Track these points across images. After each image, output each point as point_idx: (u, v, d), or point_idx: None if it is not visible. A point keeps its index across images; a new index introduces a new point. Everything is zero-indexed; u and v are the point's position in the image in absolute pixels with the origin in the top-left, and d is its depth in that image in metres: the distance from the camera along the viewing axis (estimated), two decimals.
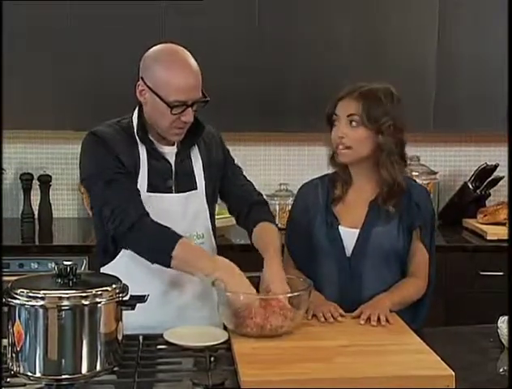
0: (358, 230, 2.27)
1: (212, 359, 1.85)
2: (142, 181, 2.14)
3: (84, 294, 1.66)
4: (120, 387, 1.74)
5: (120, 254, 2.17)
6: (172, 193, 2.19)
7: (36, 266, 3.12)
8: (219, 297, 2.02)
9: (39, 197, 3.62)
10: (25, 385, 1.68)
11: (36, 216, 3.61)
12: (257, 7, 3.38)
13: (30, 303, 1.64)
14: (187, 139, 2.21)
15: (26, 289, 1.66)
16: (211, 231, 2.29)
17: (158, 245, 2.04)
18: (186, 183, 2.21)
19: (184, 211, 2.19)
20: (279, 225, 2.33)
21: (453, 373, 1.73)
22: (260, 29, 3.39)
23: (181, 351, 1.92)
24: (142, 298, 1.77)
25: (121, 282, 1.76)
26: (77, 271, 1.72)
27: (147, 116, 2.15)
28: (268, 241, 2.17)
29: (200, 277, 2.02)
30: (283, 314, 1.96)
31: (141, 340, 1.97)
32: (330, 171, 2.35)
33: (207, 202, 2.25)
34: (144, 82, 2.11)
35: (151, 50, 2.14)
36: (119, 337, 1.74)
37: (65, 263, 1.71)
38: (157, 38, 2.22)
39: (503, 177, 3.69)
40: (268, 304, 1.97)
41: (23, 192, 3.62)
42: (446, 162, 3.91)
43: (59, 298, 1.64)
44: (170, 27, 3.32)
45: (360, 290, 2.24)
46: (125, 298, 1.73)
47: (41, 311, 1.64)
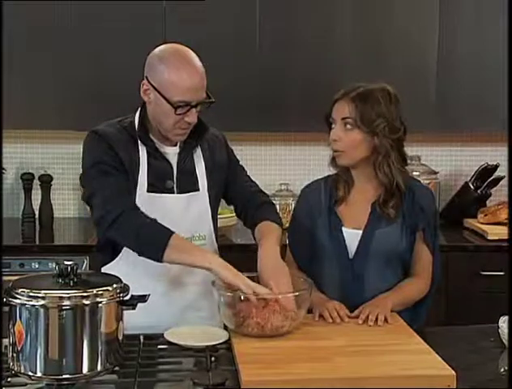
0: (361, 231, 2.26)
1: (213, 359, 1.85)
2: (142, 181, 2.14)
3: (85, 294, 1.66)
4: (121, 387, 1.74)
5: (121, 254, 2.17)
6: (173, 193, 2.18)
7: (37, 266, 3.12)
8: (219, 297, 2.02)
9: (40, 197, 3.62)
10: (26, 385, 1.68)
11: (37, 216, 3.61)
12: (257, 7, 3.38)
13: (31, 303, 1.64)
14: (190, 140, 2.20)
15: (27, 289, 1.66)
16: (213, 233, 2.28)
17: (151, 236, 2.02)
18: (188, 184, 2.21)
19: (185, 212, 2.19)
20: None
21: (454, 373, 1.73)
22: (260, 29, 3.39)
23: (182, 351, 1.92)
24: (143, 298, 1.77)
25: (121, 282, 1.76)
26: (78, 271, 1.72)
27: (151, 115, 2.15)
28: (265, 233, 2.16)
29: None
30: (283, 314, 1.96)
31: (142, 340, 1.97)
32: (332, 171, 2.35)
33: (210, 203, 2.25)
34: (149, 81, 2.10)
35: (157, 50, 2.13)
36: (120, 337, 1.74)
37: (65, 263, 1.71)
38: (158, 38, 2.23)
39: (504, 177, 3.68)
40: (268, 303, 1.96)
41: (24, 192, 3.62)
42: (447, 162, 3.91)
43: (60, 298, 1.64)
44: (171, 27, 3.32)
45: (362, 291, 2.24)
46: (126, 298, 1.73)
47: (42, 311, 1.64)
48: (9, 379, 1.69)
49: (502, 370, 1.86)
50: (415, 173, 3.51)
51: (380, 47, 3.47)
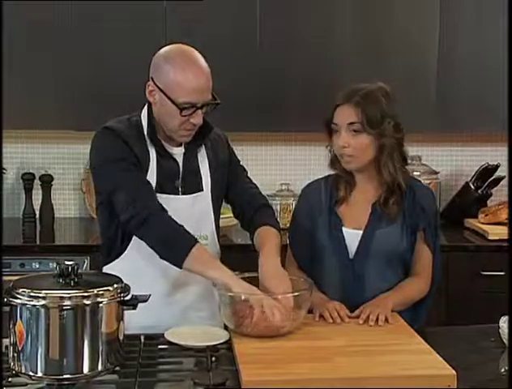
0: (361, 231, 2.26)
1: (213, 359, 1.85)
2: (151, 180, 2.13)
3: (86, 294, 1.66)
4: (121, 387, 1.74)
5: (124, 254, 2.17)
6: (178, 194, 2.18)
7: (38, 266, 3.12)
8: (220, 297, 2.02)
9: (40, 197, 3.62)
10: (26, 384, 1.68)
11: (38, 216, 3.61)
12: (257, 7, 3.38)
13: (31, 303, 1.64)
14: (195, 140, 2.20)
15: (27, 289, 1.66)
16: (216, 233, 2.28)
17: (175, 242, 2.02)
18: (193, 184, 2.21)
19: (190, 212, 2.18)
20: (281, 225, 2.32)
21: (454, 372, 1.73)
22: (260, 29, 3.39)
23: (183, 351, 1.92)
24: (143, 298, 1.77)
25: (122, 282, 1.76)
26: (78, 271, 1.72)
27: (156, 116, 2.14)
28: (265, 240, 2.15)
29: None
30: (284, 314, 1.96)
31: (142, 340, 1.97)
32: (332, 171, 2.35)
33: (212, 203, 2.25)
34: (154, 82, 2.09)
35: (163, 50, 2.12)
36: (120, 337, 1.75)
37: (66, 263, 1.71)
38: (159, 38, 2.22)
39: (504, 177, 3.68)
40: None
41: (25, 192, 3.62)
42: (448, 162, 3.91)
43: (61, 298, 1.64)
44: (172, 26, 3.32)
45: (362, 291, 2.24)
46: (126, 298, 1.73)
47: (43, 311, 1.64)
48: (9, 379, 1.69)
49: (503, 370, 1.86)
50: (415, 173, 3.50)
51: (380, 47, 3.46)
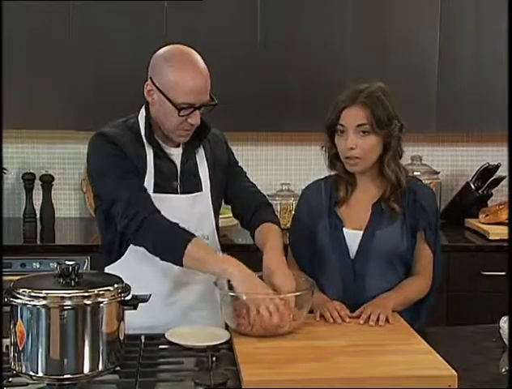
0: (362, 232, 2.26)
1: (214, 359, 1.85)
2: (148, 181, 2.14)
3: (86, 294, 1.66)
4: (122, 387, 1.74)
5: (125, 255, 2.17)
6: (177, 194, 2.18)
7: (38, 265, 3.12)
8: (221, 297, 2.02)
9: (41, 197, 3.63)
10: (27, 384, 1.68)
11: (38, 216, 3.61)
12: (258, 7, 3.38)
13: (32, 303, 1.64)
14: (193, 140, 2.20)
15: (28, 289, 1.66)
16: (216, 232, 2.29)
17: (171, 241, 2.02)
18: (192, 184, 2.21)
19: (189, 212, 2.18)
20: (281, 225, 2.32)
21: (455, 373, 1.73)
22: (261, 29, 3.39)
23: (183, 351, 1.92)
24: (144, 298, 1.77)
25: (123, 282, 1.76)
26: (79, 271, 1.72)
27: (154, 116, 2.15)
28: (268, 236, 2.15)
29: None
30: (282, 314, 1.95)
31: (143, 340, 1.97)
32: (332, 172, 2.34)
33: (212, 203, 2.25)
34: (153, 82, 2.09)
35: (161, 50, 2.12)
36: (121, 337, 1.74)
37: (67, 263, 1.71)
38: (159, 38, 2.22)
39: (505, 177, 3.68)
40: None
41: (25, 192, 3.63)
42: (448, 162, 3.91)
43: (61, 298, 1.64)
44: (172, 26, 3.32)
45: (363, 292, 2.24)
46: (127, 298, 1.73)
47: (43, 311, 1.64)
48: (10, 379, 1.69)
49: (503, 370, 1.86)
50: (416, 173, 3.51)
51: (380, 47, 3.46)
